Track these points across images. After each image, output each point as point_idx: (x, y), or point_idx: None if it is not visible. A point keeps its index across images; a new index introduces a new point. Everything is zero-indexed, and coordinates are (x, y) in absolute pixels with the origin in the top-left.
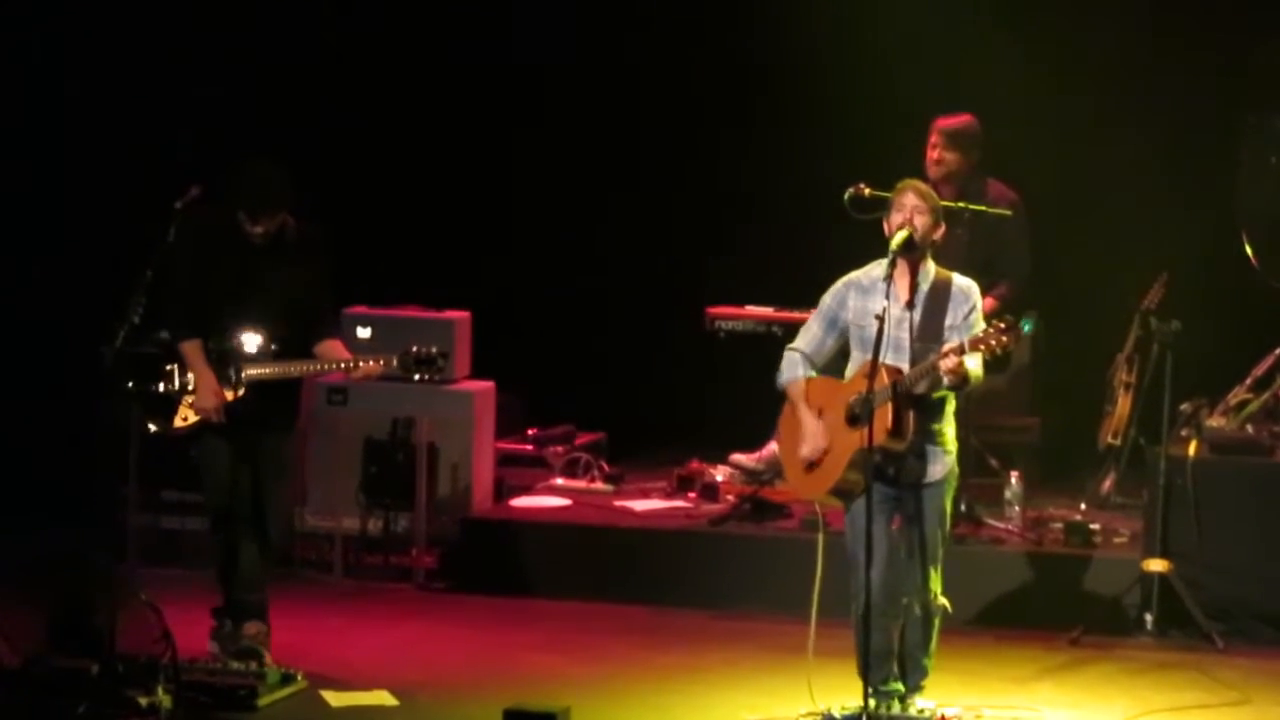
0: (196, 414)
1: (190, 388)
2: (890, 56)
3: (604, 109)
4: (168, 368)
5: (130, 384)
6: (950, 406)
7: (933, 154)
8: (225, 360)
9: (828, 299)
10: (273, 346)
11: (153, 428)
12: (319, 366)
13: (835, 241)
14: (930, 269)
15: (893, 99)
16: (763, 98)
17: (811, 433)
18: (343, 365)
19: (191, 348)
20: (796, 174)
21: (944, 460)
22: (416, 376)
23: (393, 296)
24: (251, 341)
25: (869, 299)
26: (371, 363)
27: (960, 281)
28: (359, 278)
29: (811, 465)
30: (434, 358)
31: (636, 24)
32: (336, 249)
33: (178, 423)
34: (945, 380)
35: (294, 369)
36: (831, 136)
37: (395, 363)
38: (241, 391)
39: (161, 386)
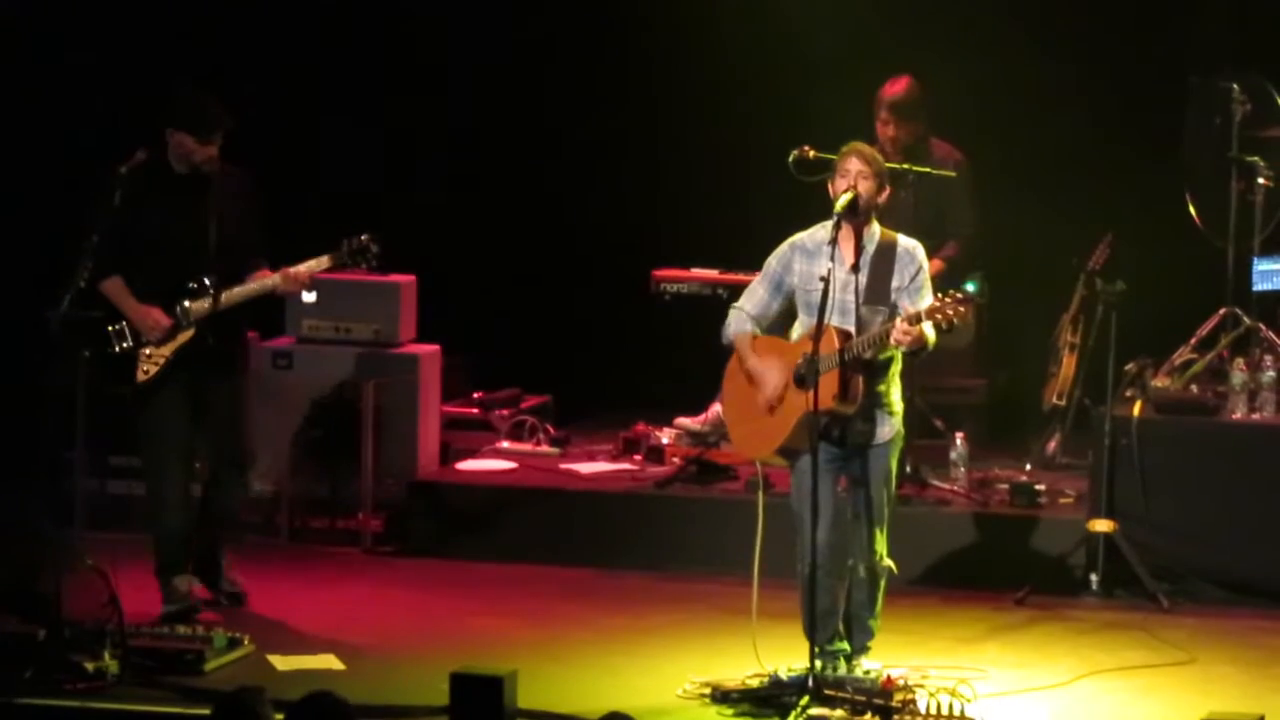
0: (150, 340)
1: (137, 337)
2: (832, 17)
3: (548, 72)
4: (113, 328)
5: (86, 354)
6: (895, 368)
7: (886, 130)
8: (169, 303)
9: (773, 262)
10: (207, 282)
11: (118, 390)
12: (257, 287)
13: (780, 203)
14: (875, 231)
15: (835, 60)
16: (706, 58)
17: (766, 379)
18: (278, 279)
19: (113, 285)
20: (740, 135)
21: (891, 422)
22: (361, 266)
23: None
24: (191, 282)
25: (815, 263)
26: (309, 263)
27: (905, 242)
28: (304, 243)
29: (773, 408)
30: (367, 246)
31: None
32: (266, 193)
33: (140, 377)
34: (903, 347)
35: (236, 295)
36: (776, 98)
37: (330, 261)
38: (191, 332)
39: (116, 348)
